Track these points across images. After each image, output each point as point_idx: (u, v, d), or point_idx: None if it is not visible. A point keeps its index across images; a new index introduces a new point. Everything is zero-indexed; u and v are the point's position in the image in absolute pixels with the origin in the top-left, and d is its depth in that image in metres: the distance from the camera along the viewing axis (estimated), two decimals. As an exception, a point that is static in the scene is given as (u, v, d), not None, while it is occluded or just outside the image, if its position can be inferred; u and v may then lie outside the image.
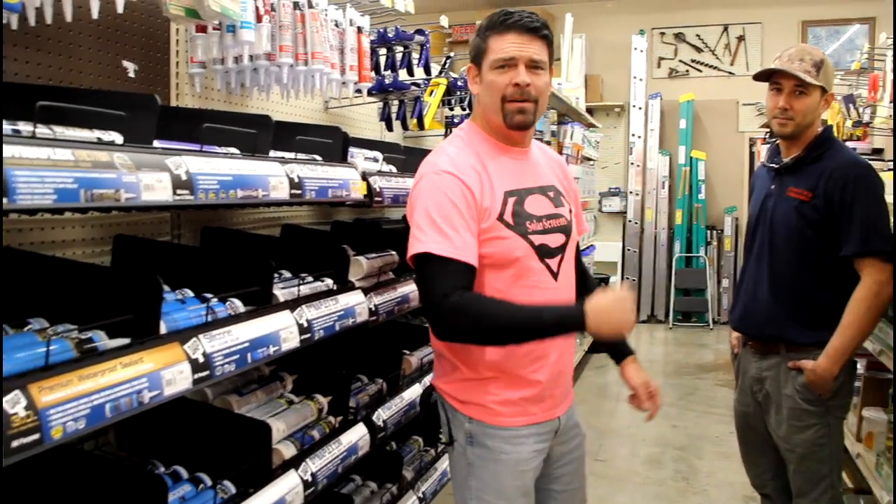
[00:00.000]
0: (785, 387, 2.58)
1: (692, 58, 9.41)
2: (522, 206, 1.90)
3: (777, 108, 2.55)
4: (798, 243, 2.56)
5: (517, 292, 1.86)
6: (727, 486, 4.35)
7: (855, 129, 4.45)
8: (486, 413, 1.91)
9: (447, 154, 1.91)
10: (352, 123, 3.28)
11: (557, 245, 1.96)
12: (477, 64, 1.93)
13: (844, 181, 2.48)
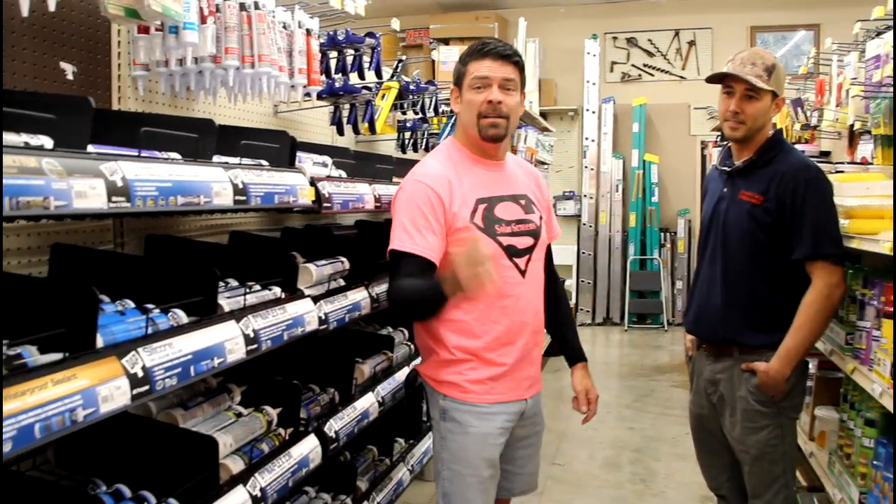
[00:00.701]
0: (738, 389, 2.59)
1: (644, 62, 9.50)
2: (492, 212, 2.18)
3: (728, 111, 2.57)
4: (750, 246, 2.58)
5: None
6: (684, 487, 4.37)
7: (803, 132, 4.51)
8: (458, 390, 2.16)
9: (425, 167, 2.21)
10: (302, 128, 3.22)
11: (525, 246, 2.22)
12: (458, 86, 2.23)
13: (795, 184, 2.50)
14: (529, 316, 2.27)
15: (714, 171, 2.87)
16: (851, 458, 2.54)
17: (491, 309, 2.16)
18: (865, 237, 2.43)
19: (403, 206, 2.09)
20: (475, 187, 2.17)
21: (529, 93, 6.53)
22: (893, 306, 2.23)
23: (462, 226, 2.10)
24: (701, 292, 2.75)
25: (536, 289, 2.31)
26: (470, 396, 2.16)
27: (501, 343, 2.18)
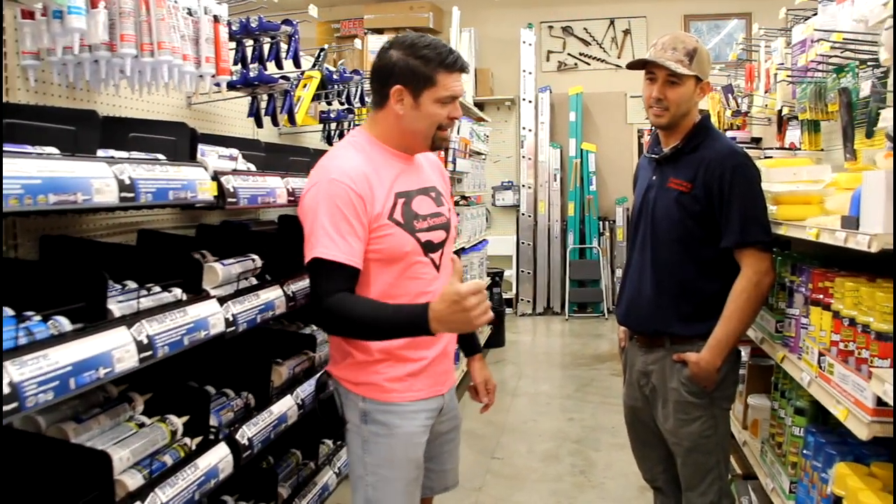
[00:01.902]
0: (670, 380, 2.58)
1: (580, 51, 9.50)
2: (410, 207, 2.09)
3: (651, 97, 2.56)
4: (680, 235, 2.56)
5: (405, 283, 2.08)
6: (623, 477, 4.35)
7: (734, 118, 4.51)
8: (378, 391, 2.08)
9: (339, 161, 2.06)
10: (219, 120, 3.08)
11: (439, 241, 2.16)
12: (415, 89, 2.05)
13: (722, 171, 2.48)
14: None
15: (644, 160, 2.85)
16: (783, 447, 2.51)
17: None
18: (793, 223, 2.40)
19: (323, 208, 1.95)
20: (393, 181, 2.08)
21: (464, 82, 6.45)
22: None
23: (383, 223, 2.02)
24: (631, 283, 2.72)
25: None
26: (391, 396, 2.09)
27: (421, 340, 2.07)
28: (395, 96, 2.06)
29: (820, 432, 2.22)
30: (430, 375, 2.16)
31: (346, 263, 1.93)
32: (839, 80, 2.70)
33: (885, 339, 1.75)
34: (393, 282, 2.06)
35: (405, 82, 2.05)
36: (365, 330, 1.97)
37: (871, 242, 1.72)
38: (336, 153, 2.13)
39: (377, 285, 2.05)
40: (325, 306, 1.93)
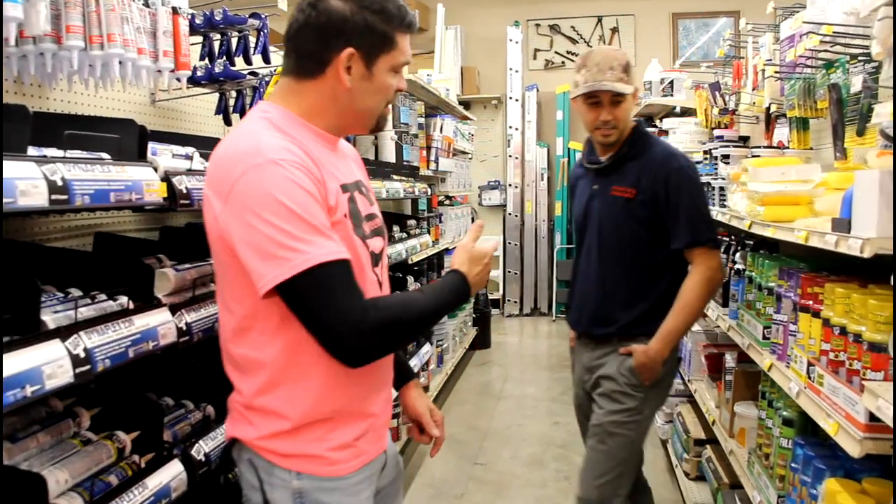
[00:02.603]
0: (610, 370, 2.65)
1: (567, 49, 9.41)
2: (356, 205, 1.63)
3: (600, 121, 2.58)
4: (628, 240, 2.62)
5: None
6: (607, 484, 4.25)
7: (722, 116, 4.40)
8: (320, 464, 1.60)
9: (265, 140, 1.50)
10: (185, 118, 2.96)
11: (379, 250, 1.72)
12: (369, 53, 1.58)
13: (666, 175, 2.57)
14: None
15: (579, 169, 2.89)
16: (770, 459, 2.41)
17: None
18: (781, 225, 2.30)
19: (281, 197, 1.42)
20: (332, 172, 1.59)
21: (446, 80, 6.34)
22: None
23: (338, 220, 1.54)
24: (581, 289, 2.79)
25: None
26: (336, 468, 1.61)
27: (373, 387, 1.69)
28: (344, 62, 1.56)
29: (809, 445, 2.12)
30: (375, 431, 1.72)
31: (344, 258, 1.48)
32: (829, 75, 2.60)
33: (879, 350, 1.65)
34: None
35: (359, 44, 1.56)
36: (426, 325, 1.68)
37: (864, 247, 1.62)
38: (252, 129, 1.55)
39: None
40: (375, 322, 1.48)
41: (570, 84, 2.74)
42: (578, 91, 2.60)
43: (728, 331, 2.96)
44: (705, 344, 3.77)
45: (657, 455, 4.77)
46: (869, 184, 1.65)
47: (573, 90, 2.66)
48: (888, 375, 1.62)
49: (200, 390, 2.20)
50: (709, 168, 3.61)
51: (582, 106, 2.64)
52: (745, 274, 2.81)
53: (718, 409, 3.25)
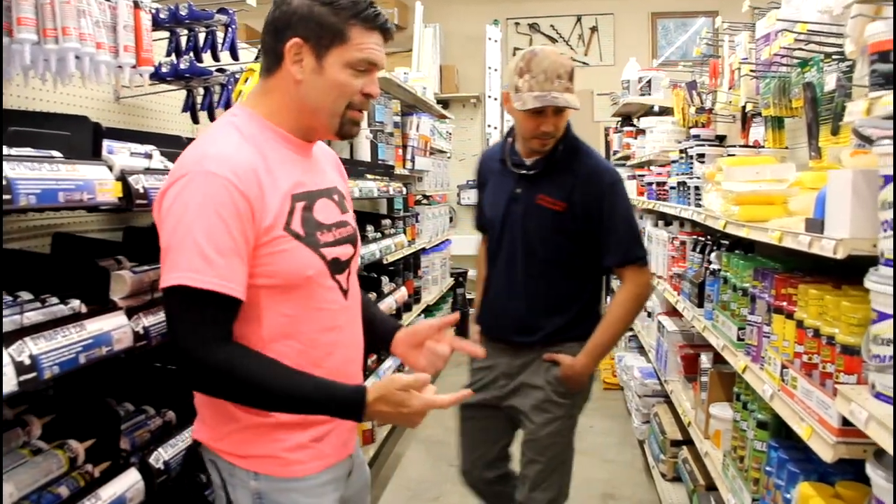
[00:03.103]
0: (537, 378, 2.63)
1: (547, 48, 9.37)
2: (312, 213, 1.61)
3: (540, 131, 2.51)
4: (555, 252, 2.59)
5: (307, 317, 1.61)
6: (585, 483, 4.22)
7: (699, 115, 4.38)
8: (277, 464, 1.60)
9: (220, 147, 1.52)
10: (151, 115, 2.89)
11: (347, 258, 1.69)
12: (318, 45, 1.56)
13: (600, 191, 2.55)
14: (354, 350, 1.78)
15: (494, 164, 2.75)
16: (745, 462, 2.38)
17: (312, 349, 1.61)
18: (755, 225, 2.27)
19: (194, 212, 1.43)
20: (289, 179, 1.58)
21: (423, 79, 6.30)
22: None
23: (276, 236, 1.52)
24: (499, 294, 2.70)
25: (358, 313, 1.80)
26: (293, 469, 1.61)
27: None
28: (292, 53, 1.55)
29: (783, 448, 2.09)
30: (338, 435, 1.70)
31: (228, 294, 1.45)
32: (803, 74, 2.58)
33: (852, 353, 1.61)
34: (292, 316, 1.58)
35: (305, 34, 1.54)
36: (268, 403, 1.53)
37: (837, 248, 1.59)
38: (215, 135, 1.57)
39: (269, 322, 1.56)
40: (211, 364, 1.46)
41: (509, 86, 2.54)
42: (526, 105, 2.45)
43: (703, 331, 2.93)
44: (682, 344, 3.75)
45: (635, 455, 4.75)
46: (842, 184, 1.63)
47: (514, 97, 2.50)
48: (861, 379, 1.59)
49: (164, 395, 2.14)
50: (684, 167, 3.58)
51: (518, 113, 2.51)
52: (720, 274, 2.78)
53: (694, 410, 3.22)
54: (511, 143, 2.71)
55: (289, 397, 1.51)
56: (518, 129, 2.63)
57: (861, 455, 1.61)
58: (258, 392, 1.49)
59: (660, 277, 4.25)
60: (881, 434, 1.38)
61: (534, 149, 2.60)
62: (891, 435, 1.34)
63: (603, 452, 4.82)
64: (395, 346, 1.91)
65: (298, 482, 1.62)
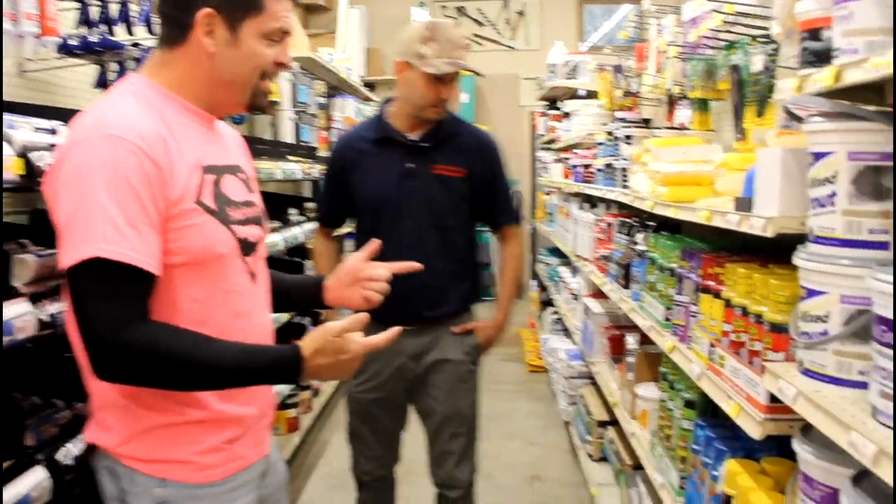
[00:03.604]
0: (451, 353, 2.68)
1: (474, 32, 9.33)
2: (220, 188, 1.50)
3: (439, 98, 2.54)
4: (459, 219, 2.68)
5: (217, 300, 1.49)
6: (511, 468, 4.24)
7: (625, 98, 4.40)
8: (188, 469, 1.47)
9: (120, 111, 1.39)
10: (60, 91, 2.74)
11: (255, 239, 1.59)
12: (232, 16, 1.45)
13: (490, 156, 2.73)
14: (265, 337, 1.65)
15: (365, 144, 2.69)
16: (672, 441, 2.39)
17: (224, 336, 1.46)
18: (683, 206, 2.28)
19: (100, 179, 1.30)
20: (195, 149, 1.47)
21: (347, 60, 6.18)
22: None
23: (187, 209, 1.41)
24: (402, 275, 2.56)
25: (266, 298, 1.69)
26: (207, 474, 1.49)
27: (249, 387, 1.55)
28: (204, 25, 1.44)
29: (710, 426, 2.10)
30: (253, 434, 1.60)
31: (145, 269, 1.33)
32: (729, 56, 2.59)
33: (780, 331, 1.62)
34: (201, 300, 1.46)
35: (217, 4, 1.44)
36: (198, 380, 1.41)
37: (767, 226, 1.59)
38: (112, 101, 1.43)
39: (179, 308, 1.43)
40: (124, 344, 1.31)
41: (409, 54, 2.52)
42: (440, 70, 2.48)
43: (630, 312, 2.94)
44: (607, 325, 3.77)
45: (560, 437, 4.78)
46: (771, 162, 1.63)
47: (419, 63, 2.49)
48: (789, 356, 1.60)
49: (76, 387, 2.02)
50: (611, 149, 3.59)
51: (420, 81, 2.51)
52: (646, 255, 2.79)
53: (621, 391, 3.24)
54: (379, 122, 2.69)
55: (222, 370, 1.40)
56: (414, 99, 2.58)
57: (787, 431, 1.62)
58: (187, 369, 1.38)
59: (585, 260, 4.26)
60: (809, 410, 1.38)
61: (428, 118, 2.60)
62: (818, 409, 1.35)
63: (529, 435, 4.84)
64: (330, 294, 1.85)
65: (210, 487, 1.50)
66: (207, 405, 1.48)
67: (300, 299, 1.93)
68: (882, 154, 1.34)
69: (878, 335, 1.20)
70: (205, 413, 1.48)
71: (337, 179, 2.76)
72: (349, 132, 2.85)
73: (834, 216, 1.39)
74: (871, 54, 1.26)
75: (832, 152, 1.38)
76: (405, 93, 2.59)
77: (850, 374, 1.37)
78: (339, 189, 2.76)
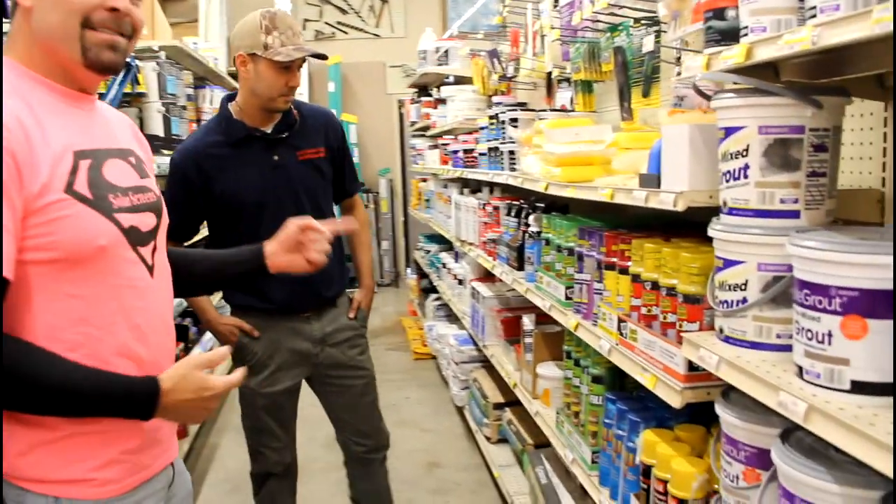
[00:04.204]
0: (347, 330, 2.80)
1: (338, 20, 9.23)
2: (100, 174, 1.37)
3: (287, 86, 2.53)
4: (328, 201, 2.80)
5: (106, 297, 1.37)
6: (409, 455, 4.23)
7: (500, 83, 4.46)
8: (85, 487, 1.36)
9: None
10: None
11: (149, 228, 1.47)
12: None
13: (337, 128, 2.80)
14: (165, 336, 1.52)
15: (220, 149, 2.60)
16: (580, 417, 2.44)
17: (113, 336, 1.37)
18: (581, 185, 2.32)
19: None
20: (67, 134, 1.34)
21: (215, 49, 5.96)
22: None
23: (54, 200, 1.28)
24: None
25: (168, 293, 1.57)
26: (105, 490, 1.38)
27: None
28: None
29: (620, 399, 2.16)
30: (157, 442, 1.49)
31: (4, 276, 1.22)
32: (613, 38, 2.66)
33: (694, 302, 1.67)
34: (82, 297, 1.33)
35: None
36: (39, 405, 1.29)
37: (677, 200, 1.64)
38: None
39: (52, 308, 1.31)
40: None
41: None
42: (291, 56, 2.47)
43: (526, 293, 2.98)
44: (499, 308, 3.81)
45: (454, 422, 4.81)
46: (678, 139, 1.67)
47: (267, 53, 2.46)
48: (704, 326, 1.66)
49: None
50: (495, 133, 3.62)
51: (268, 71, 2.48)
52: (541, 236, 2.83)
53: (519, 372, 3.28)
54: (228, 121, 2.61)
55: (64, 396, 1.28)
56: (262, 91, 2.52)
57: (705, 398, 1.69)
58: (28, 392, 1.26)
59: (471, 244, 4.29)
60: (733, 375, 1.43)
61: (278, 108, 2.58)
62: (742, 374, 1.41)
63: (421, 422, 4.85)
64: (272, 260, 1.81)
65: (113, 503, 1.39)
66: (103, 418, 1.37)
67: (239, 271, 1.86)
68: (790, 127, 1.40)
69: (801, 298, 1.25)
70: (97, 424, 1.36)
71: (190, 193, 2.61)
72: (192, 142, 2.69)
73: (748, 188, 1.44)
74: (780, 32, 1.32)
75: (744, 127, 1.43)
76: (252, 86, 2.53)
77: (769, 338, 1.43)
78: (194, 202, 2.62)
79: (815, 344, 1.22)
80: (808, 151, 1.41)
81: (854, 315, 1.17)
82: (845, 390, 1.19)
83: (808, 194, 1.42)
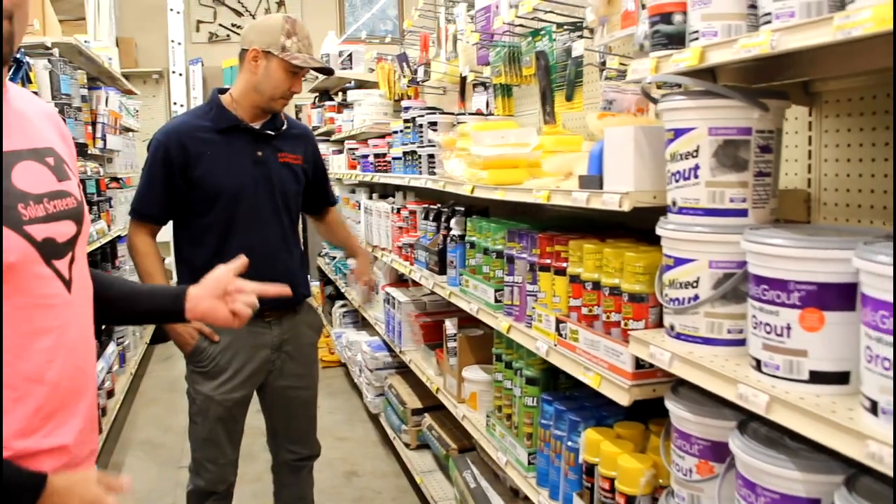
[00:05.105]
0: (304, 336, 2.81)
1: (232, 22, 9.02)
2: (9, 181, 1.20)
3: (290, 90, 2.63)
4: (297, 207, 2.84)
5: (13, 319, 1.20)
6: (328, 465, 4.16)
7: (409, 87, 4.44)
8: None
9: None
10: None
11: (67, 238, 1.30)
12: None
13: (315, 143, 2.93)
14: (84, 356, 1.36)
15: (207, 134, 2.61)
16: (513, 419, 2.45)
17: (23, 360, 1.21)
18: (511, 187, 2.33)
19: None
20: None
21: (107, 49, 5.71)
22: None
23: None
24: (265, 263, 2.38)
25: (88, 308, 1.40)
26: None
27: (49, 414, 1.25)
28: None
29: (557, 400, 2.18)
30: (76, 465, 1.30)
31: None
32: (534, 43, 2.69)
33: (638, 301, 1.70)
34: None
35: None
36: None
37: (623, 201, 1.66)
38: None
39: None
40: None
41: (236, 59, 2.65)
42: (308, 63, 2.60)
43: (450, 297, 2.97)
44: (417, 314, 3.79)
45: (367, 430, 4.76)
46: (623, 140, 1.70)
47: (285, 55, 2.56)
48: (649, 324, 1.69)
49: None
50: (411, 137, 3.60)
51: (279, 72, 2.58)
52: (466, 239, 2.82)
53: (441, 376, 3.27)
54: (220, 109, 2.66)
55: None
56: (266, 89, 2.61)
57: (651, 395, 1.72)
58: None
59: (383, 250, 4.26)
60: (686, 370, 1.47)
61: (273, 109, 2.68)
62: (697, 369, 1.44)
63: (334, 430, 4.77)
64: (195, 305, 1.62)
65: None
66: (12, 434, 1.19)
67: (153, 310, 1.67)
68: (739, 129, 1.44)
69: (758, 293, 1.29)
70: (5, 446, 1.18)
71: (171, 172, 2.58)
72: (177, 122, 2.69)
73: (698, 188, 1.48)
74: (731, 36, 1.36)
75: (694, 128, 1.47)
76: (257, 82, 2.60)
77: (720, 333, 1.47)
78: (173, 182, 2.60)
79: (774, 337, 1.26)
80: (755, 152, 1.45)
81: (812, 308, 1.22)
82: (804, 380, 1.23)
83: (756, 193, 1.47)
